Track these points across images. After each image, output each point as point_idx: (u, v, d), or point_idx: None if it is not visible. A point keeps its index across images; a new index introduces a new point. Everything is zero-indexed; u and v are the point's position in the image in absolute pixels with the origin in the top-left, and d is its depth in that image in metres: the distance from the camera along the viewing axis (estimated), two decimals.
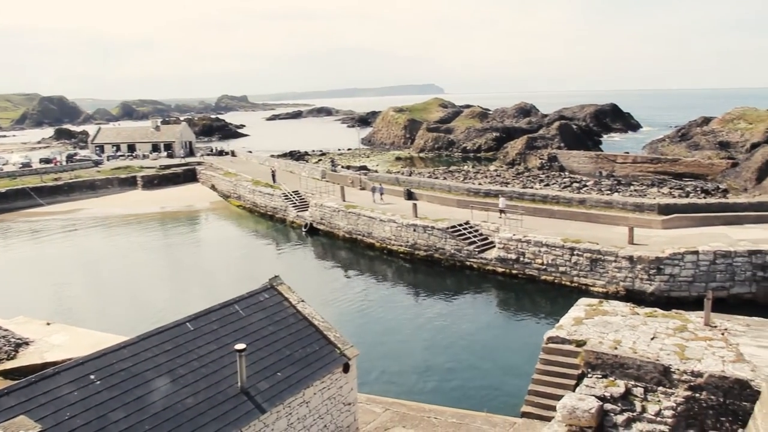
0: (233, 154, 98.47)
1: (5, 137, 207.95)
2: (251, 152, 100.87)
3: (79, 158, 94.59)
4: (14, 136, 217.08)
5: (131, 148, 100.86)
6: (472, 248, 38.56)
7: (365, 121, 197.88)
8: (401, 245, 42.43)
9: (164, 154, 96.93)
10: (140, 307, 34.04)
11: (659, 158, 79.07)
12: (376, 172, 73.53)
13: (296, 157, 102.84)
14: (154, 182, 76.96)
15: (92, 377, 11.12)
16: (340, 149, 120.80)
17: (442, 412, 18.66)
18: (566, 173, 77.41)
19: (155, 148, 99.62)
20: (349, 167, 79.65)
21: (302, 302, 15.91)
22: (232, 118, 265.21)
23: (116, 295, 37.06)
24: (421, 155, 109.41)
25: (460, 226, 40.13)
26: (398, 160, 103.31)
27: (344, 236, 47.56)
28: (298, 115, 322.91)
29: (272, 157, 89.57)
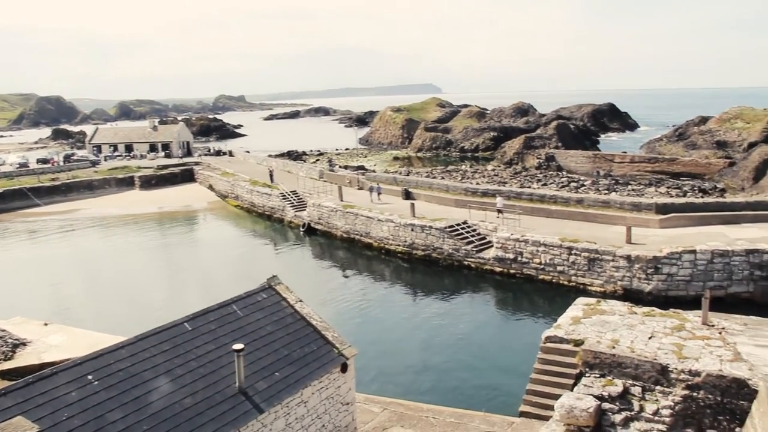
0: (231, 154, 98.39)
1: (2, 137, 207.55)
2: (249, 152, 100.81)
3: (76, 158, 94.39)
4: (11, 136, 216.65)
5: (129, 148, 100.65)
6: (469, 248, 38.57)
7: (363, 120, 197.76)
8: (399, 245, 42.43)
9: (162, 154, 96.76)
10: (138, 307, 33.99)
11: (657, 158, 79.16)
12: (373, 171, 73.52)
13: (294, 156, 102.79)
14: (151, 182, 76.84)
15: (90, 378, 11.10)
16: (337, 149, 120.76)
17: (440, 411, 18.66)
18: (564, 173, 77.48)
19: (153, 148, 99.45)
20: (346, 167, 79.60)
21: (300, 302, 15.90)
22: (229, 118, 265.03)
23: (114, 295, 37.00)
24: (418, 155, 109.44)
25: (457, 225, 40.14)
26: (396, 159, 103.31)
27: (342, 236, 47.55)
28: (295, 114, 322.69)
29: (270, 157, 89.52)
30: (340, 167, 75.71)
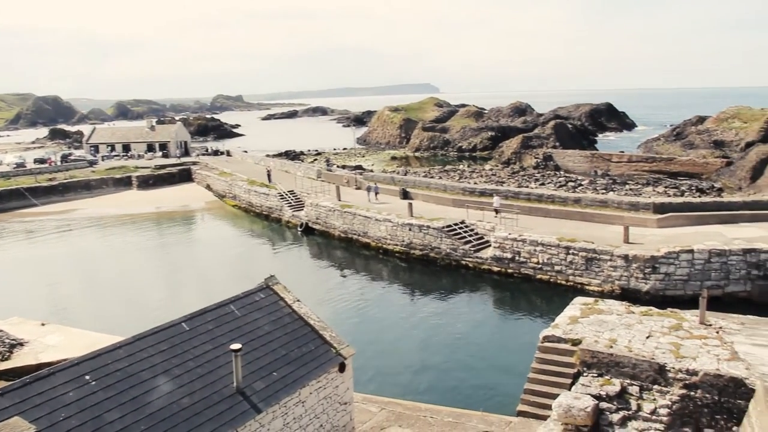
0: (228, 153, 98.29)
1: None
2: (246, 152, 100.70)
3: (73, 158, 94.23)
4: (8, 136, 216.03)
5: (126, 148, 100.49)
6: (467, 247, 38.58)
7: (361, 120, 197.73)
8: (397, 245, 42.43)
9: (159, 154, 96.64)
10: (135, 307, 33.95)
11: (654, 157, 79.23)
12: (371, 171, 73.53)
13: (292, 156, 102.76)
14: (149, 182, 76.73)
15: (87, 378, 11.08)
16: (335, 149, 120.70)
17: (438, 411, 18.66)
18: (561, 172, 77.53)
19: (150, 148, 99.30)
20: (344, 167, 79.59)
21: (298, 302, 15.89)
22: (227, 117, 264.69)
23: (111, 295, 36.95)
24: (416, 154, 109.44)
25: (455, 225, 40.16)
26: (394, 159, 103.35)
27: (340, 236, 47.53)
28: (293, 114, 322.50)
29: (268, 156, 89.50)
30: (337, 167, 75.69)
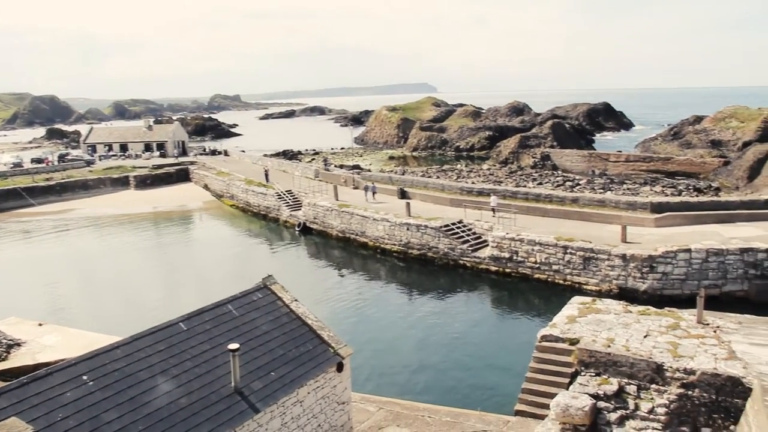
0: (226, 153, 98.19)
1: None
2: (244, 151, 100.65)
3: (71, 158, 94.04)
4: (5, 135, 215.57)
5: (123, 147, 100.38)
6: (465, 247, 38.59)
7: (358, 120, 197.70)
8: (394, 244, 42.43)
9: (157, 153, 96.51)
10: (133, 307, 33.91)
11: (652, 157, 79.33)
12: (369, 171, 73.51)
13: (289, 156, 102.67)
14: (146, 182, 76.64)
15: (85, 378, 11.07)
16: (333, 148, 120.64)
17: (436, 410, 18.67)
18: (559, 172, 77.57)
19: (148, 147, 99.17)
20: (342, 166, 79.55)
21: (295, 301, 15.88)
22: (224, 117, 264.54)
23: (109, 295, 36.89)
24: (414, 154, 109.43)
25: (453, 224, 40.17)
26: (391, 159, 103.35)
27: (337, 235, 47.52)
28: (291, 114, 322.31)
29: (265, 156, 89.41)
30: (335, 166, 75.64)
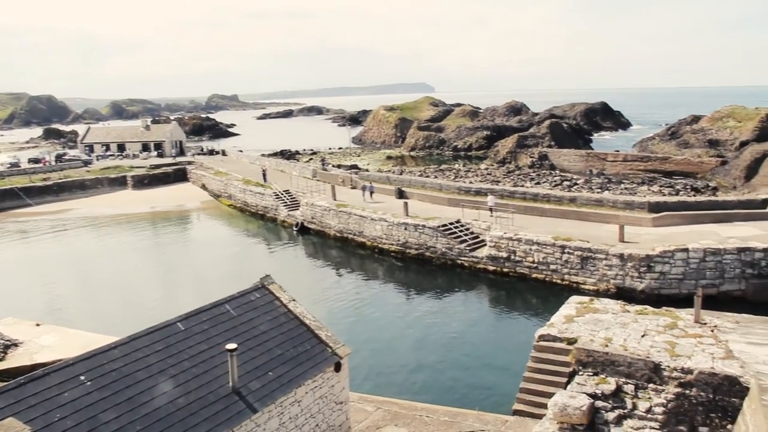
0: (224, 153, 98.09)
1: None
2: (242, 151, 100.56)
3: (68, 158, 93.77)
4: (2, 135, 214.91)
5: (121, 147, 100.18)
6: (463, 247, 38.61)
7: (356, 120, 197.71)
8: (392, 244, 42.43)
9: (154, 153, 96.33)
10: (131, 307, 33.87)
11: (649, 156, 79.45)
12: (366, 171, 73.49)
13: (287, 156, 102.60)
14: (144, 182, 76.52)
15: (82, 378, 11.05)
16: (330, 148, 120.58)
17: (434, 410, 18.68)
18: (557, 172, 77.65)
19: (145, 147, 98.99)
20: (339, 166, 79.55)
21: (293, 301, 15.87)
22: (222, 117, 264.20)
23: (106, 295, 36.85)
24: (411, 154, 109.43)
25: (451, 224, 40.18)
26: (389, 158, 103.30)
27: (335, 235, 47.50)
28: (288, 114, 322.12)
29: (263, 156, 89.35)
30: (333, 166, 75.64)
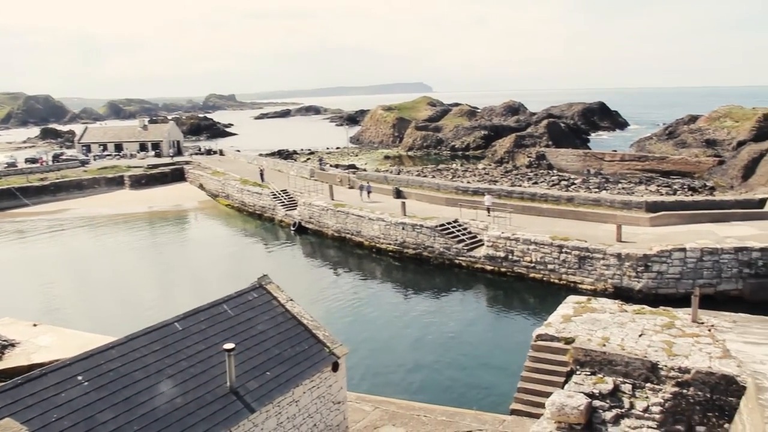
0: (221, 153, 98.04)
1: None
2: (239, 151, 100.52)
3: (65, 158, 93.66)
4: None
5: (118, 147, 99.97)
6: (460, 246, 38.63)
7: (354, 119, 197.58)
8: (390, 244, 42.43)
9: (152, 153, 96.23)
10: (128, 307, 33.83)
11: (647, 156, 79.58)
12: (364, 170, 73.47)
13: (284, 155, 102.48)
14: (141, 182, 76.40)
15: (80, 378, 11.02)
16: (328, 148, 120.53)
17: (431, 410, 18.68)
18: (554, 171, 77.72)
19: (143, 147, 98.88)
20: (337, 166, 79.54)
21: (291, 301, 15.86)
22: (220, 117, 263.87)
23: (104, 295, 36.79)
24: (409, 154, 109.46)
25: (448, 224, 40.19)
26: (387, 158, 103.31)
27: (333, 235, 47.49)
28: (286, 113, 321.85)
29: (260, 156, 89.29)
30: (330, 166, 75.63)
